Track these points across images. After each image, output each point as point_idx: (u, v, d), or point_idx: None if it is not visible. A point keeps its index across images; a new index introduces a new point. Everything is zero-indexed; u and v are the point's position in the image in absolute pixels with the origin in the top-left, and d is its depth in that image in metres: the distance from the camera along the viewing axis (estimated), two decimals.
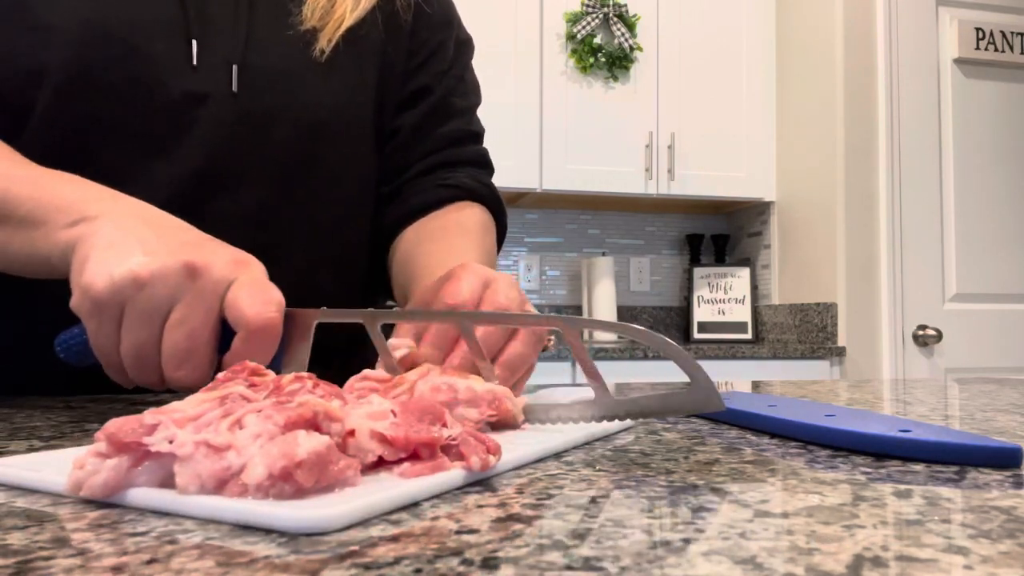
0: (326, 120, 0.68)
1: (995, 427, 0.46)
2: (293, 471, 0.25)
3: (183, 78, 0.62)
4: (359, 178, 0.73)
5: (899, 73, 2.35)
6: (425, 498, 0.27)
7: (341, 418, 0.29)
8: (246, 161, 0.65)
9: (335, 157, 0.70)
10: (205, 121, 0.63)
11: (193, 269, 0.42)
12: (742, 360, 2.33)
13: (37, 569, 0.20)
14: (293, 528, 0.23)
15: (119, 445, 0.27)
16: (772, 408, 0.44)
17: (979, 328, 2.37)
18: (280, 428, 0.27)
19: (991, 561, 0.21)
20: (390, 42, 0.74)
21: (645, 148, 2.56)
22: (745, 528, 0.24)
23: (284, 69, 0.67)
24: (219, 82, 0.64)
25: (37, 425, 0.45)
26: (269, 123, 0.66)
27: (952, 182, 2.39)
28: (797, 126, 2.58)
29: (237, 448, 0.26)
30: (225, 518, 0.24)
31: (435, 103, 0.77)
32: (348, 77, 0.70)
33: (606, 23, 2.55)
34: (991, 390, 0.70)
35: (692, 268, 2.80)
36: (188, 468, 0.26)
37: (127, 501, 0.26)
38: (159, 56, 0.62)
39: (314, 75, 0.68)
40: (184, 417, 0.28)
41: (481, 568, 0.20)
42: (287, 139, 0.67)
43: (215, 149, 0.63)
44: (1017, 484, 0.30)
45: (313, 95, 0.68)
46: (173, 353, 0.42)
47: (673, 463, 0.34)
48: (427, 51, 0.78)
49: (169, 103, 0.62)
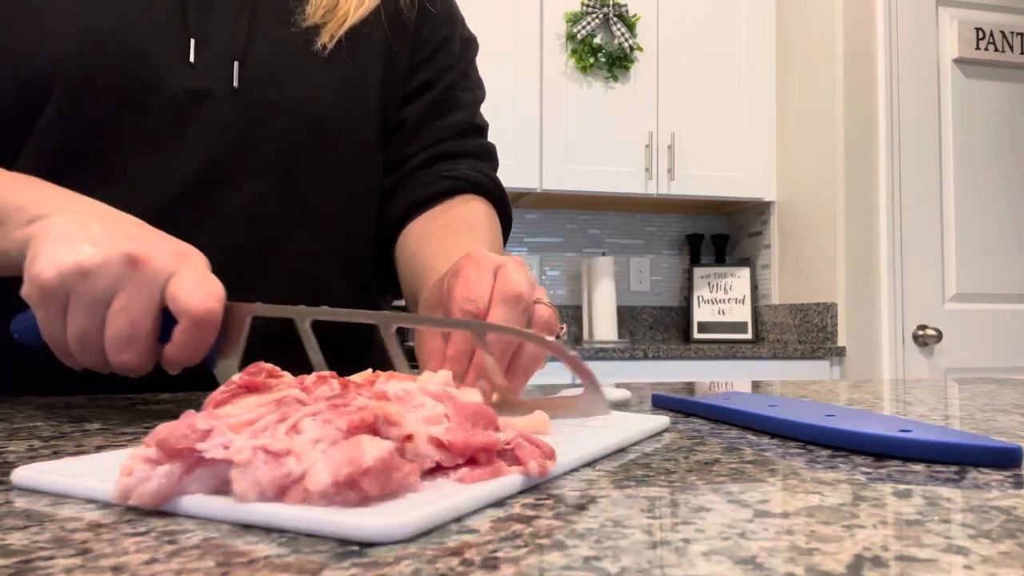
0: (327, 114, 0.69)
1: (995, 427, 0.46)
2: (359, 479, 0.24)
3: (183, 76, 0.63)
4: (361, 173, 0.73)
5: (899, 73, 2.35)
6: (488, 504, 0.27)
7: (400, 422, 0.28)
8: (248, 155, 0.66)
9: (336, 152, 0.70)
10: (206, 117, 0.64)
11: (135, 260, 0.43)
12: (742, 360, 2.33)
13: (37, 569, 0.20)
14: (363, 537, 0.22)
15: (171, 451, 0.26)
16: (772, 408, 0.44)
17: (979, 328, 2.37)
18: (343, 433, 0.26)
19: (991, 561, 0.21)
20: (394, 40, 0.75)
21: (645, 148, 2.56)
22: (745, 528, 0.24)
23: (286, 64, 0.67)
24: (220, 78, 0.64)
25: (37, 425, 0.45)
26: (270, 117, 0.66)
27: (952, 182, 2.39)
28: (797, 126, 2.58)
29: (297, 454, 0.25)
30: (291, 527, 0.23)
31: (438, 95, 0.78)
32: (350, 73, 0.70)
33: (606, 23, 2.55)
34: (991, 390, 0.70)
35: (692, 268, 2.80)
36: (247, 475, 0.25)
37: (180, 509, 0.25)
38: (159, 56, 0.62)
39: (315, 70, 0.68)
40: (239, 422, 0.27)
41: (481, 568, 0.20)
42: (288, 133, 0.67)
43: (217, 145, 0.64)
44: (1017, 484, 0.30)
45: (314, 89, 0.68)
46: (115, 338, 0.44)
47: (673, 463, 0.34)
48: (430, 48, 0.78)
49: (170, 101, 0.63)
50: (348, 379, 0.34)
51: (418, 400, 0.32)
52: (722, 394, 0.53)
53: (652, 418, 0.44)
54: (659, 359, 2.25)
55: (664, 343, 2.56)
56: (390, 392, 0.33)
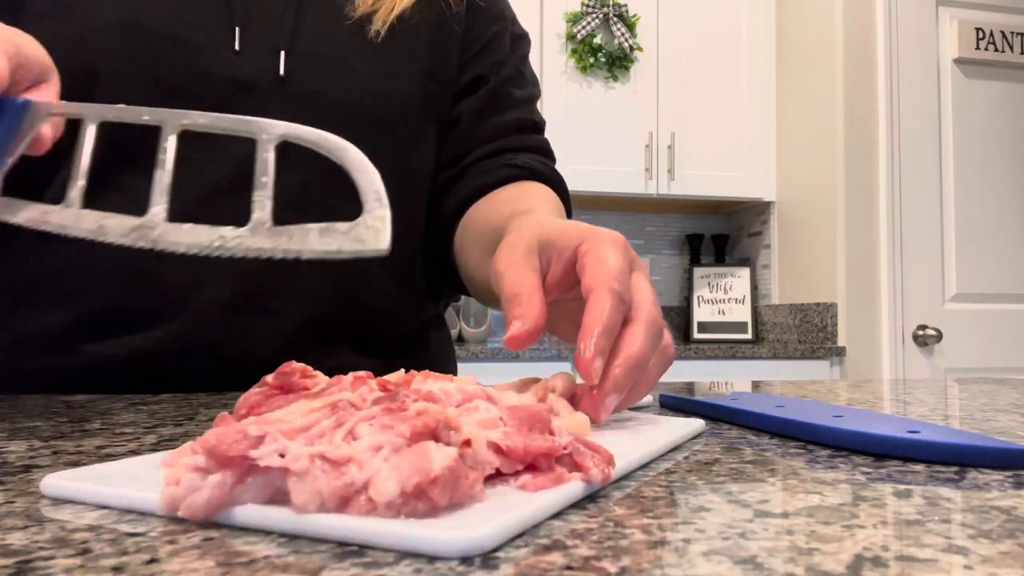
0: (371, 104, 0.68)
1: (995, 427, 0.46)
2: (428, 488, 0.23)
3: (228, 67, 0.64)
4: (403, 165, 0.72)
5: (899, 73, 2.35)
6: (556, 512, 0.26)
7: (460, 427, 0.27)
8: (291, 146, 0.66)
9: (380, 140, 0.69)
10: (252, 107, 0.64)
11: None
12: (742, 360, 2.33)
13: (37, 569, 0.20)
14: (442, 552, 0.21)
15: (222, 459, 0.24)
16: (780, 409, 0.44)
17: (979, 328, 2.37)
18: (406, 440, 0.25)
19: (991, 561, 0.21)
20: (442, 31, 0.74)
21: (645, 148, 2.56)
22: (745, 528, 0.24)
23: (332, 55, 0.67)
24: (266, 69, 0.65)
25: (37, 425, 0.45)
26: (315, 107, 0.66)
27: (952, 182, 2.39)
28: (797, 126, 2.58)
29: (359, 462, 0.24)
30: (359, 539, 0.22)
31: (493, 90, 0.77)
32: (396, 62, 0.70)
33: (606, 23, 2.55)
34: (991, 390, 0.70)
35: (692, 268, 2.80)
36: (306, 485, 0.23)
37: (234, 521, 0.24)
38: (203, 47, 0.63)
39: (362, 60, 0.68)
40: (292, 428, 0.26)
41: (481, 568, 0.20)
42: (332, 123, 0.67)
43: None
44: (1017, 484, 0.30)
45: (360, 79, 0.68)
46: None
47: (673, 463, 0.34)
48: (481, 44, 0.78)
49: (215, 92, 0.63)
50: (384, 379, 0.33)
51: (471, 403, 0.31)
52: (729, 394, 0.53)
53: (690, 421, 0.42)
54: None
55: None
56: (435, 392, 0.32)
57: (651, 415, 0.46)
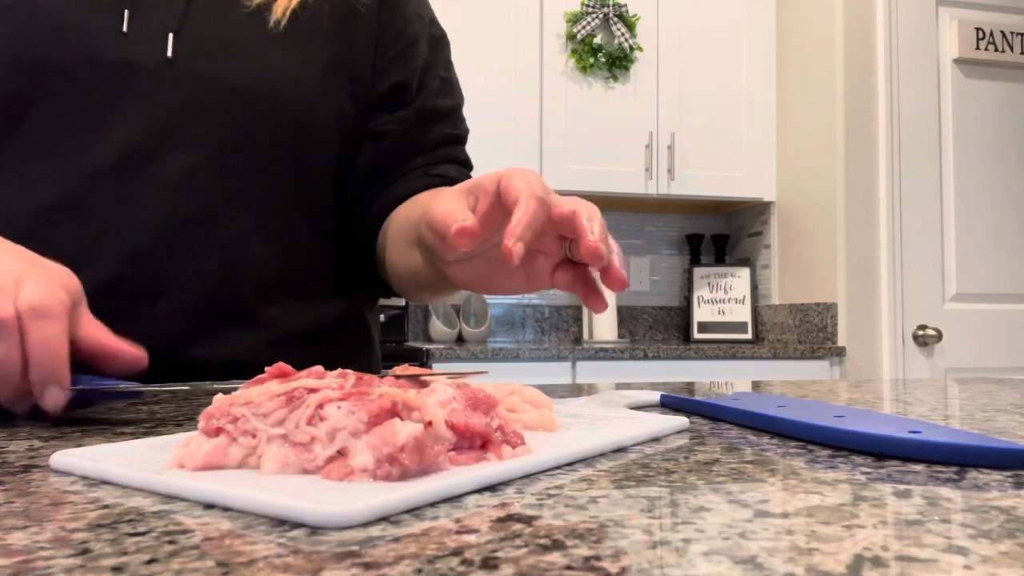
0: (266, 92, 0.68)
1: (995, 427, 0.46)
2: (397, 455, 0.27)
3: (116, 49, 0.64)
4: (299, 154, 0.72)
5: (899, 73, 2.35)
6: (473, 490, 0.29)
7: (419, 407, 0.31)
8: (181, 128, 0.66)
9: (274, 129, 0.69)
10: (139, 89, 0.65)
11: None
12: (742, 360, 2.33)
13: (37, 569, 0.20)
14: (320, 522, 0.24)
15: (211, 430, 0.30)
16: (781, 409, 0.44)
17: (979, 328, 2.37)
18: (365, 424, 0.29)
19: (991, 561, 0.21)
20: (349, 23, 0.74)
21: (645, 148, 2.56)
22: (745, 528, 0.24)
23: (223, 39, 0.68)
24: (153, 51, 0.65)
25: (37, 425, 0.45)
26: (207, 91, 0.66)
27: (952, 182, 2.39)
28: (797, 126, 2.58)
29: (321, 440, 0.29)
30: (247, 508, 0.26)
31: (420, 107, 0.77)
32: (293, 51, 0.70)
33: (606, 23, 2.55)
34: (991, 390, 0.70)
35: (692, 268, 2.80)
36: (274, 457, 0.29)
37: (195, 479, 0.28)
38: (91, 30, 0.64)
39: (258, 46, 0.68)
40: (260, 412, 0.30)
41: (481, 568, 0.20)
42: (223, 108, 0.67)
43: (149, 116, 0.65)
44: (1017, 484, 0.30)
45: (252, 64, 0.68)
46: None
47: (673, 463, 0.34)
48: (400, 45, 0.77)
49: (102, 74, 0.64)
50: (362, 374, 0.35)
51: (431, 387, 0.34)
52: (731, 395, 0.53)
53: (671, 418, 0.43)
54: (659, 359, 2.25)
55: (664, 343, 2.56)
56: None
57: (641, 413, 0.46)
